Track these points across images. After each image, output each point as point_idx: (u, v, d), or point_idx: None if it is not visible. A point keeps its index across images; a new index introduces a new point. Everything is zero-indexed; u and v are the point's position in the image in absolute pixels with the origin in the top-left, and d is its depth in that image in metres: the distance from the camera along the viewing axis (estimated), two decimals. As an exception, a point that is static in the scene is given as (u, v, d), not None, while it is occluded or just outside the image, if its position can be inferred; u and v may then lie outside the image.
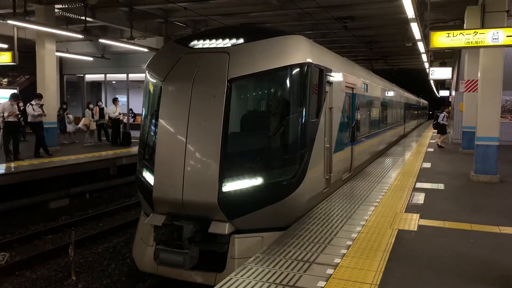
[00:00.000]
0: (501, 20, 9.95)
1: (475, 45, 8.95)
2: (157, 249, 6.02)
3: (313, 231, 6.02)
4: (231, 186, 6.07)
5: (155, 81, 7.03)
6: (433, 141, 21.88)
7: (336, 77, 8.36)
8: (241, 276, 4.48)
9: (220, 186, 5.99)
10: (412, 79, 42.67)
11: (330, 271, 4.64)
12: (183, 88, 6.46)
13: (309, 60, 6.73)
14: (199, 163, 6.15)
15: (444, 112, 19.54)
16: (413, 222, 6.63)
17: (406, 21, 12.78)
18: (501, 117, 11.68)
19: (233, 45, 6.68)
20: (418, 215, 7.03)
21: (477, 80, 11.40)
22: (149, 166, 6.66)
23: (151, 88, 7.19)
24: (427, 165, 12.96)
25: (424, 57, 22.06)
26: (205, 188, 6.00)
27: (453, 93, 25.51)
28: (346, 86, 9.34)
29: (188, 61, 6.72)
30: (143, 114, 7.39)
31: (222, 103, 6.16)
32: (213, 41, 6.87)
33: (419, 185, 9.67)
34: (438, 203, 8.02)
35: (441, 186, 9.69)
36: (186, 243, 5.81)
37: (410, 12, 10.52)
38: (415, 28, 12.99)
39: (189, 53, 6.86)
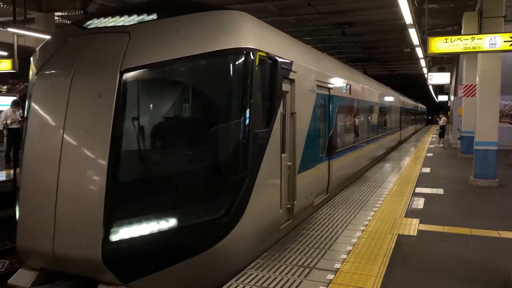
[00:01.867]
0: (498, 25, 10.02)
1: (473, 50, 9.02)
2: None
3: (313, 237, 6.02)
4: (125, 232, 4.15)
5: (32, 76, 5.12)
6: (432, 146, 21.94)
7: (302, 73, 6.51)
8: (241, 282, 4.48)
9: (107, 233, 4.09)
10: (411, 84, 42.89)
11: (330, 276, 4.65)
12: (59, 85, 4.55)
13: (252, 45, 4.87)
14: (77, 198, 4.24)
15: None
16: (412, 227, 6.64)
17: (404, 27, 12.89)
18: (500, 121, 11.72)
19: (140, 23, 4.79)
20: (418, 220, 7.04)
21: (475, 85, 11.46)
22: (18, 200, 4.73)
23: (29, 86, 5.19)
24: (427, 170, 12.98)
25: (423, 63, 22.21)
26: (83, 235, 4.15)
27: (452, 98, 25.61)
28: (319, 86, 7.49)
29: (74, 46, 4.84)
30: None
31: (110, 106, 4.25)
32: (115, 18, 5.00)
33: (418, 190, 9.69)
34: (438, 208, 8.03)
35: (440, 191, 9.70)
36: None
37: (408, 18, 10.64)
38: (413, 34, 13.12)
39: (78, 35, 4.97)
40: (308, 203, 7.06)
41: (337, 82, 9.01)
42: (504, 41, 8.65)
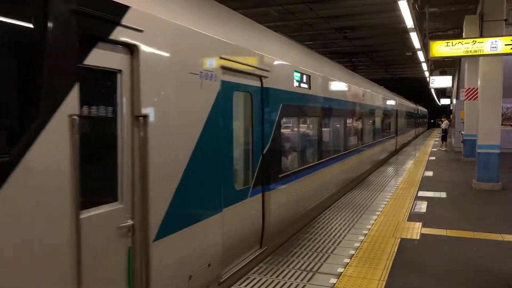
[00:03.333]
0: (499, 28, 10.05)
1: (474, 53, 9.06)
2: None
3: (316, 241, 6.03)
4: None
5: None
6: (435, 149, 21.92)
7: (166, 36, 3.52)
8: (244, 287, 4.50)
9: None
10: (413, 87, 42.98)
11: (333, 280, 4.66)
12: None
13: None
14: None
15: None
16: (415, 230, 6.64)
17: (405, 31, 12.93)
18: (502, 124, 11.73)
19: None
20: (421, 223, 7.04)
21: (477, 88, 11.48)
22: None
23: None
24: (429, 173, 12.98)
25: (424, 66, 22.24)
26: None
27: (454, 101, 25.63)
28: (233, 70, 4.61)
29: None
30: None
31: None
32: None
33: (421, 193, 9.69)
34: (441, 211, 8.02)
35: (443, 194, 9.70)
36: None
37: (409, 22, 10.69)
38: (414, 38, 13.16)
39: None
40: (200, 285, 4.02)
41: (281, 69, 6.04)
42: (505, 45, 8.69)
